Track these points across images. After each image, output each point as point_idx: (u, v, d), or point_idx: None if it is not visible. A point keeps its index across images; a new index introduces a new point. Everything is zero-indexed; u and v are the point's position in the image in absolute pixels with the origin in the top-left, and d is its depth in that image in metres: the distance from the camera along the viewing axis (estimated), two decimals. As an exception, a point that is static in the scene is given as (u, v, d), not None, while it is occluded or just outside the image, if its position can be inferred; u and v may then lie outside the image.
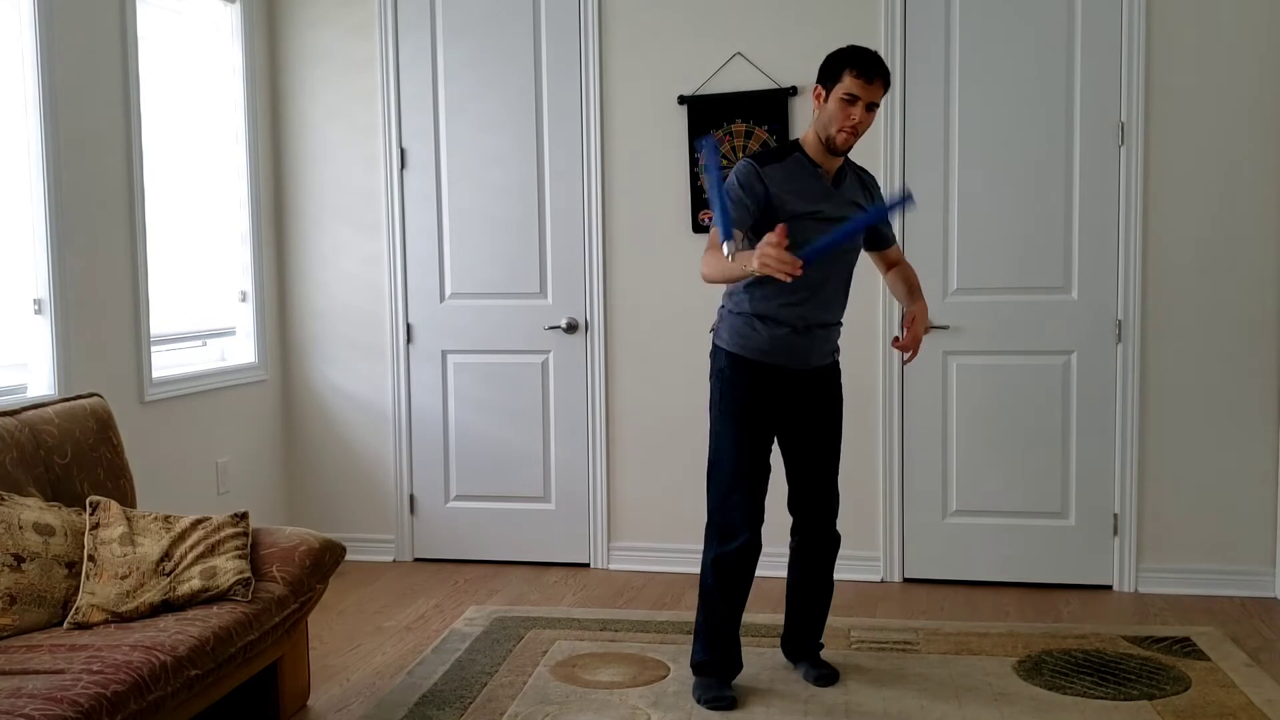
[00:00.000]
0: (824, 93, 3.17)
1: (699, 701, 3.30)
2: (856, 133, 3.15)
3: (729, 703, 3.27)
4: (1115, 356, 4.33)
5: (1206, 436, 4.30)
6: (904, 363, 3.50)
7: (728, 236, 2.95)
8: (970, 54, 4.34)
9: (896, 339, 3.36)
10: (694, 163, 4.53)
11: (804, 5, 4.43)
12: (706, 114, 4.50)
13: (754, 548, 3.30)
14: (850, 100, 3.12)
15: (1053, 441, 4.39)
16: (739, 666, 3.41)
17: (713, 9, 4.51)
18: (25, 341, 3.63)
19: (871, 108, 3.15)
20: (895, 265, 3.55)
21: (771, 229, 2.96)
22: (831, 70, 3.17)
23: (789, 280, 2.83)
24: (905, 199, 3.13)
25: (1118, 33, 4.24)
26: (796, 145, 3.27)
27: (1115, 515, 4.37)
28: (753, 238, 3.10)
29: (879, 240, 3.48)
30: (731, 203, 3.08)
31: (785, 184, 3.17)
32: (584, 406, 4.73)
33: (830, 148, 3.19)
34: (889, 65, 4.29)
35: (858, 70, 3.11)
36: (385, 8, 4.74)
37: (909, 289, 3.47)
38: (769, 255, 2.79)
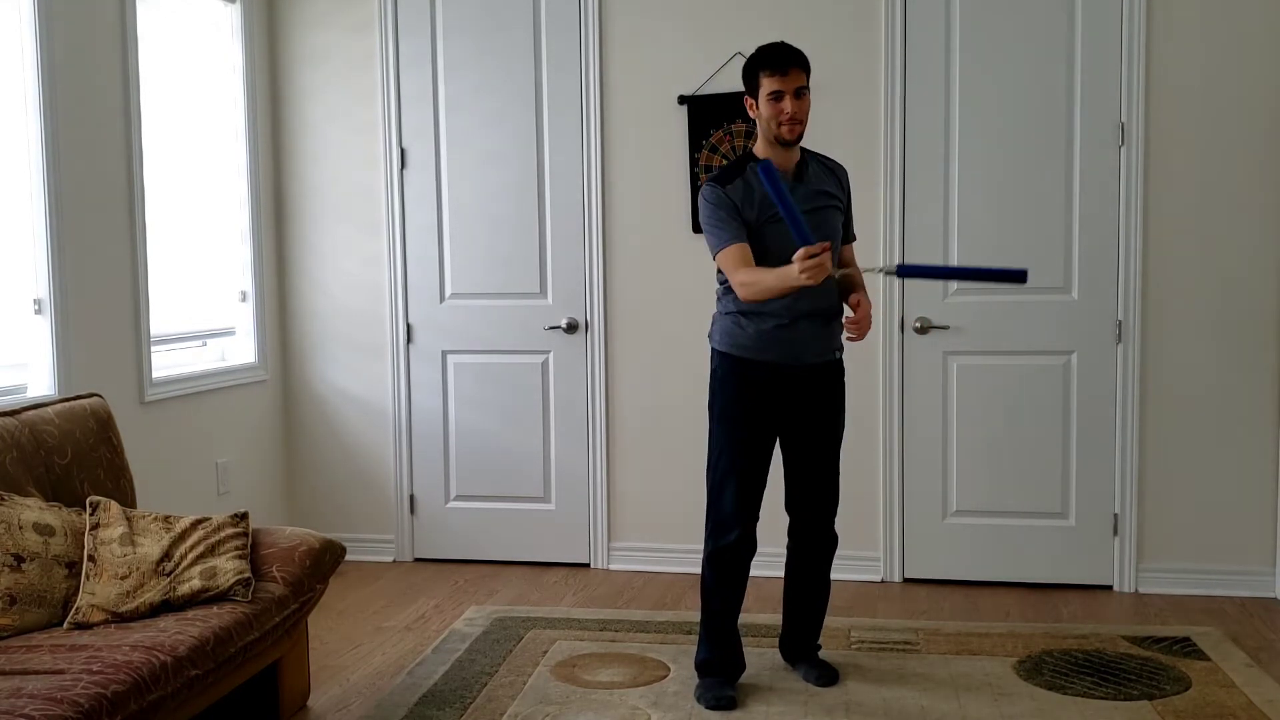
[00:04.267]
0: (753, 102, 3.23)
1: (699, 701, 3.30)
2: (797, 119, 3.18)
3: (729, 702, 3.27)
4: (1115, 356, 4.33)
5: (1206, 437, 4.30)
6: (848, 338, 3.36)
7: (806, 241, 2.97)
8: (970, 54, 4.34)
9: (848, 318, 3.27)
10: (694, 163, 4.53)
11: (804, 5, 4.43)
12: (706, 114, 4.49)
13: (747, 545, 3.32)
14: (776, 97, 3.17)
15: (1053, 441, 4.39)
16: (741, 666, 3.42)
17: (713, 9, 4.51)
18: (25, 341, 3.63)
19: (800, 93, 3.18)
20: (844, 266, 3.39)
21: (753, 239, 3.16)
22: (749, 79, 3.24)
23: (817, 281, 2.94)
24: (1021, 273, 3.09)
25: (1118, 33, 4.24)
26: (750, 156, 3.29)
27: (1115, 515, 4.37)
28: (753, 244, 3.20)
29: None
30: (725, 218, 3.18)
31: (747, 197, 3.20)
32: (584, 406, 4.73)
33: (781, 143, 3.21)
34: (890, 66, 4.35)
35: (769, 67, 3.18)
36: (385, 8, 4.74)
37: (850, 285, 3.35)
38: (809, 264, 2.91)
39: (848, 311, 3.31)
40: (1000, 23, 4.32)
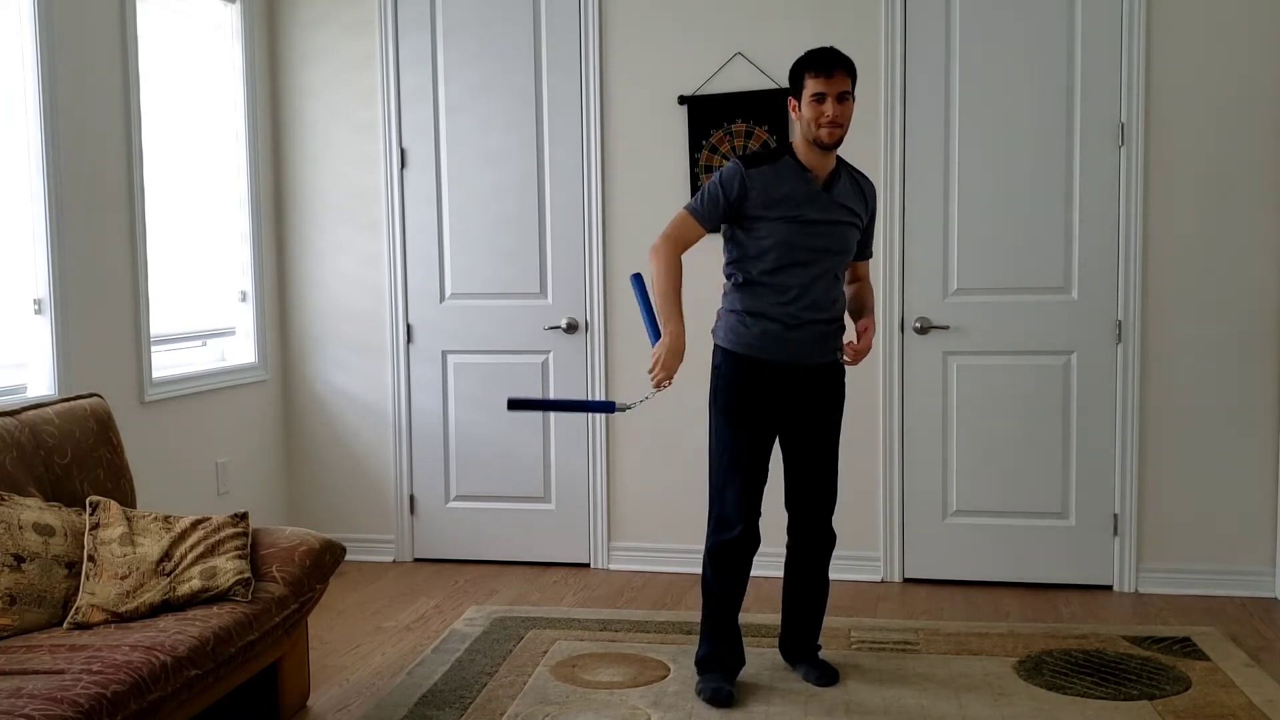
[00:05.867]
0: (796, 103, 3.27)
1: (698, 694, 3.32)
2: (838, 124, 3.20)
3: (727, 696, 3.28)
4: (1115, 356, 4.33)
5: (1206, 437, 4.30)
6: (845, 361, 3.43)
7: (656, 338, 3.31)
8: (970, 54, 4.34)
9: (850, 343, 3.37)
10: (694, 163, 4.53)
11: (804, 5, 4.44)
12: (706, 114, 4.49)
13: (749, 540, 3.33)
14: (819, 99, 3.19)
15: (1053, 441, 4.39)
16: (741, 662, 3.42)
17: (713, 9, 4.51)
18: (25, 341, 3.63)
19: (844, 98, 3.20)
20: (857, 281, 3.51)
21: (741, 227, 3.25)
22: (794, 80, 3.27)
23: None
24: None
25: (1118, 33, 4.24)
26: (789, 148, 3.32)
27: (1115, 515, 4.37)
28: (728, 235, 3.34)
29: (857, 250, 3.45)
30: (715, 199, 3.27)
31: (771, 187, 3.22)
32: (584, 406, 4.74)
33: (820, 145, 3.23)
34: (890, 66, 4.35)
35: (814, 69, 3.20)
36: (385, 7, 4.74)
37: (860, 306, 3.49)
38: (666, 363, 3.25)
39: (849, 336, 3.39)
40: (1000, 22, 4.32)
